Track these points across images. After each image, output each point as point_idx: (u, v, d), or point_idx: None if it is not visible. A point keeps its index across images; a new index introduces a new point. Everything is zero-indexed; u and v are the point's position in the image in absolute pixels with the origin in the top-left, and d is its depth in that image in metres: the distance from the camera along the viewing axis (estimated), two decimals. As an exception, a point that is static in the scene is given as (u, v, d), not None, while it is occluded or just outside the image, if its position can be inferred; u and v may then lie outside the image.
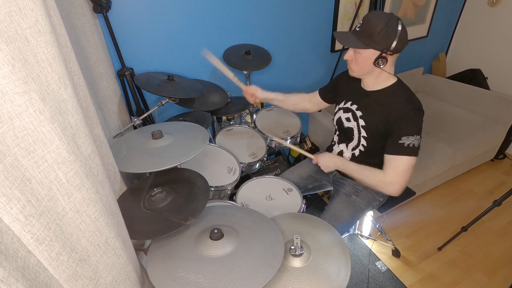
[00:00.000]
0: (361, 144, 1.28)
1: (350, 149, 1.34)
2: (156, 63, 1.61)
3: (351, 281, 1.67)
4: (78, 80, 0.75)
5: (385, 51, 1.06)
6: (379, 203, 1.41)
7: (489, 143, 2.28)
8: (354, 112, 1.27)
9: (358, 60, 1.13)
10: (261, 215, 1.04)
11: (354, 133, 1.29)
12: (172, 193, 1.01)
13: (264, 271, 0.79)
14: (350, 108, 1.29)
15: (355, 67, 1.16)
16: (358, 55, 1.11)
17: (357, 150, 1.31)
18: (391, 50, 1.06)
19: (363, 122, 1.23)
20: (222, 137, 1.64)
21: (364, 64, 1.12)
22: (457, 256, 1.79)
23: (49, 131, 0.51)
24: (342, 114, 1.33)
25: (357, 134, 1.28)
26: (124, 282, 0.73)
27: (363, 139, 1.26)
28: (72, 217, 0.56)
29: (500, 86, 2.48)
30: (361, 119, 1.24)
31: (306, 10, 1.90)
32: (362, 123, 1.24)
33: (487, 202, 1.90)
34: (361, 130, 1.25)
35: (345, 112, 1.31)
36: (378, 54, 1.07)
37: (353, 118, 1.28)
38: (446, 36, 2.74)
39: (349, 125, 1.30)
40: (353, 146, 1.32)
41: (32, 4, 0.49)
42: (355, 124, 1.27)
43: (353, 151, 1.33)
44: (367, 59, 1.10)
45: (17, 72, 0.45)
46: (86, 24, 1.16)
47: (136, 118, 1.36)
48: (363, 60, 1.11)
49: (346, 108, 1.31)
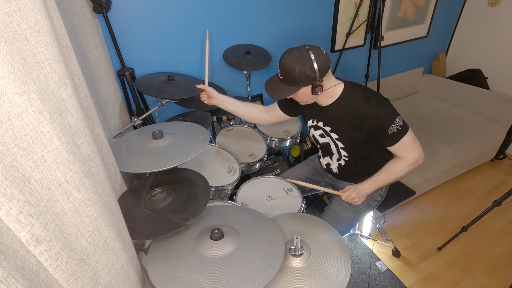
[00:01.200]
0: (342, 155, 1.30)
1: (335, 161, 1.36)
2: (156, 63, 1.61)
3: (351, 281, 1.67)
4: (78, 80, 0.75)
5: (314, 83, 1.07)
6: (378, 202, 1.41)
7: (489, 143, 2.28)
8: (323, 129, 1.28)
9: (299, 97, 1.15)
10: (261, 215, 1.04)
11: (331, 147, 1.30)
12: (172, 193, 1.01)
13: (264, 271, 0.79)
14: (318, 126, 1.30)
15: (301, 101, 1.19)
16: (297, 94, 1.13)
17: (342, 160, 1.32)
18: (319, 79, 1.06)
19: (335, 135, 1.24)
20: (222, 137, 1.64)
21: (306, 97, 1.15)
22: (457, 256, 1.79)
23: (48, 131, 0.51)
24: (314, 132, 1.34)
25: (334, 147, 1.29)
26: (124, 282, 0.73)
27: (342, 150, 1.27)
28: (71, 217, 0.56)
29: (500, 86, 2.48)
30: (333, 133, 1.25)
31: (306, 10, 1.90)
32: (335, 136, 1.25)
33: (487, 202, 1.90)
34: (337, 142, 1.26)
35: (316, 129, 1.32)
36: (310, 87, 1.09)
37: (325, 133, 1.29)
38: (446, 36, 2.74)
39: (325, 141, 1.31)
40: (336, 158, 1.34)
41: (32, 4, 0.49)
42: (329, 139, 1.28)
43: (338, 161, 1.35)
44: (305, 94, 1.12)
45: (17, 72, 0.45)
46: (86, 24, 1.16)
47: (136, 118, 1.36)
48: (302, 96, 1.13)
49: (315, 125, 1.31)
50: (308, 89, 1.09)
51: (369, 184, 1.27)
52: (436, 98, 2.66)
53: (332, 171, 1.42)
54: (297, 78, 1.05)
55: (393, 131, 1.10)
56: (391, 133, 1.11)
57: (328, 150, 1.34)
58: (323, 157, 1.43)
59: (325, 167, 1.46)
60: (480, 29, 2.54)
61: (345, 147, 1.25)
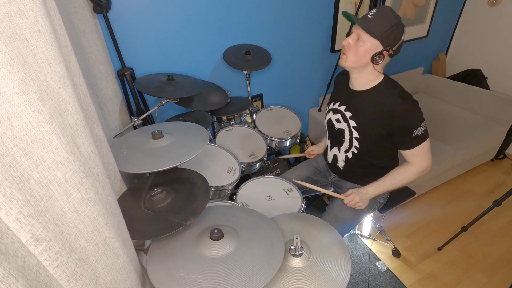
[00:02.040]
0: (353, 146, 1.26)
1: (343, 152, 1.33)
2: (156, 63, 1.61)
3: (351, 281, 1.67)
4: (78, 80, 0.75)
5: (387, 49, 1.05)
6: (380, 205, 1.41)
7: (489, 143, 2.28)
8: (343, 114, 1.25)
9: (358, 49, 1.07)
10: (261, 215, 1.04)
11: (345, 134, 1.27)
12: (172, 193, 1.01)
13: (264, 271, 0.79)
14: (338, 109, 1.27)
15: (353, 57, 1.10)
16: (361, 43, 1.06)
17: (350, 152, 1.30)
18: (393, 50, 1.06)
19: (354, 123, 1.22)
20: (222, 137, 1.64)
21: (363, 56, 1.08)
22: (457, 256, 1.79)
23: (48, 131, 0.50)
24: (332, 116, 1.31)
25: (348, 135, 1.26)
26: (124, 282, 0.73)
27: (355, 140, 1.24)
28: (71, 217, 0.56)
29: (500, 86, 2.48)
30: (352, 120, 1.22)
31: (306, 10, 1.90)
32: (353, 124, 1.22)
33: (487, 202, 1.90)
34: (353, 131, 1.23)
35: (335, 113, 1.30)
36: (381, 49, 1.05)
37: (343, 119, 1.26)
38: (446, 36, 2.73)
39: (340, 127, 1.28)
40: (345, 149, 1.31)
41: (31, 4, 0.49)
42: (345, 125, 1.25)
43: (346, 153, 1.32)
44: (367, 51, 1.06)
45: (16, 72, 0.45)
46: (86, 24, 1.16)
47: (136, 118, 1.36)
48: (364, 50, 1.06)
49: (335, 109, 1.29)
50: (376, 49, 1.06)
51: (373, 188, 1.26)
52: (436, 98, 2.66)
53: (337, 167, 1.40)
54: (385, 30, 1.02)
55: (416, 135, 1.10)
56: (414, 136, 1.11)
57: (339, 139, 1.30)
58: (331, 148, 1.40)
59: (331, 162, 1.43)
60: (480, 29, 2.53)
61: (359, 137, 1.22)
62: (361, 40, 1.07)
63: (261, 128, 1.73)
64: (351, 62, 1.12)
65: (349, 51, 1.11)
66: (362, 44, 1.06)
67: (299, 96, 2.24)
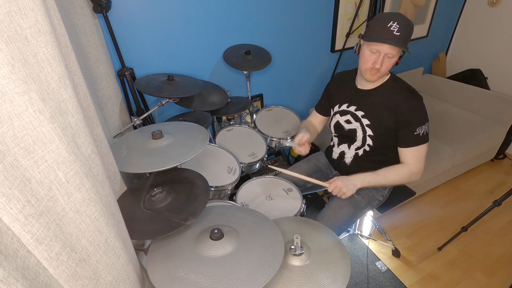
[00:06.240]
0: (366, 143, 1.28)
1: (353, 149, 1.33)
2: (156, 63, 1.61)
3: (351, 281, 1.67)
4: (78, 80, 0.75)
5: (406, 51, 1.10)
6: (379, 202, 1.41)
7: (489, 143, 2.28)
8: (353, 113, 1.27)
9: (390, 64, 1.13)
10: (261, 215, 1.04)
11: (357, 134, 1.28)
12: (172, 193, 1.01)
13: (264, 271, 0.79)
14: (348, 110, 1.28)
15: (385, 70, 1.15)
16: (391, 57, 1.11)
17: (361, 150, 1.31)
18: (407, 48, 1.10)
19: (367, 121, 1.23)
20: (222, 137, 1.64)
21: (390, 66, 1.14)
22: (457, 256, 1.79)
23: (49, 131, 0.51)
24: (340, 118, 1.32)
25: (361, 134, 1.27)
26: (124, 282, 0.73)
27: (369, 138, 1.26)
28: (72, 217, 0.56)
29: (500, 86, 2.48)
30: (365, 119, 1.24)
31: (306, 10, 1.90)
32: (367, 122, 1.24)
33: (487, 202, 1.90)
34: (366, 129, 1.25)
35: (343, 115, 1.30)
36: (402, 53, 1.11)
37: (354, 119, 1.27)
38: (446, 36, 2.74)
39: (351, 127, 1.29)
40: (356, 146, 1.32)
41: (32, 4, 0.49)
42: (357, 124, 1.27)
43: (357, 151, 1.33)
44: (394, 61, 1.13)
45: (17, 72, 0.45)
46: (86, 24, 1.16)
47: (136, 118, 1.36)
48: (393, 62, 1.13)
49: (343, 111, 1.30)
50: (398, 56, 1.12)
51: (362, 181, 1.22)
52: (436, 98, 2.66)
53: (343, 162, 1.40)
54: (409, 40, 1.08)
55: (418, 133, 1.13)
56: (416, 134, 1.13)
57: (351, 137, 1.31)
58: (338, 145, 1.40)
59: (336, 158, 1.43)
60: (480, 29, 2.54)
61: (373, 134, 1.24)
62: (390, 55, 1.11)
63: (261, 128, 1.73)
64: (381, 74, 1.16)
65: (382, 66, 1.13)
66: (392, 57, 1.12)
67: (299, 96, 2.24)
